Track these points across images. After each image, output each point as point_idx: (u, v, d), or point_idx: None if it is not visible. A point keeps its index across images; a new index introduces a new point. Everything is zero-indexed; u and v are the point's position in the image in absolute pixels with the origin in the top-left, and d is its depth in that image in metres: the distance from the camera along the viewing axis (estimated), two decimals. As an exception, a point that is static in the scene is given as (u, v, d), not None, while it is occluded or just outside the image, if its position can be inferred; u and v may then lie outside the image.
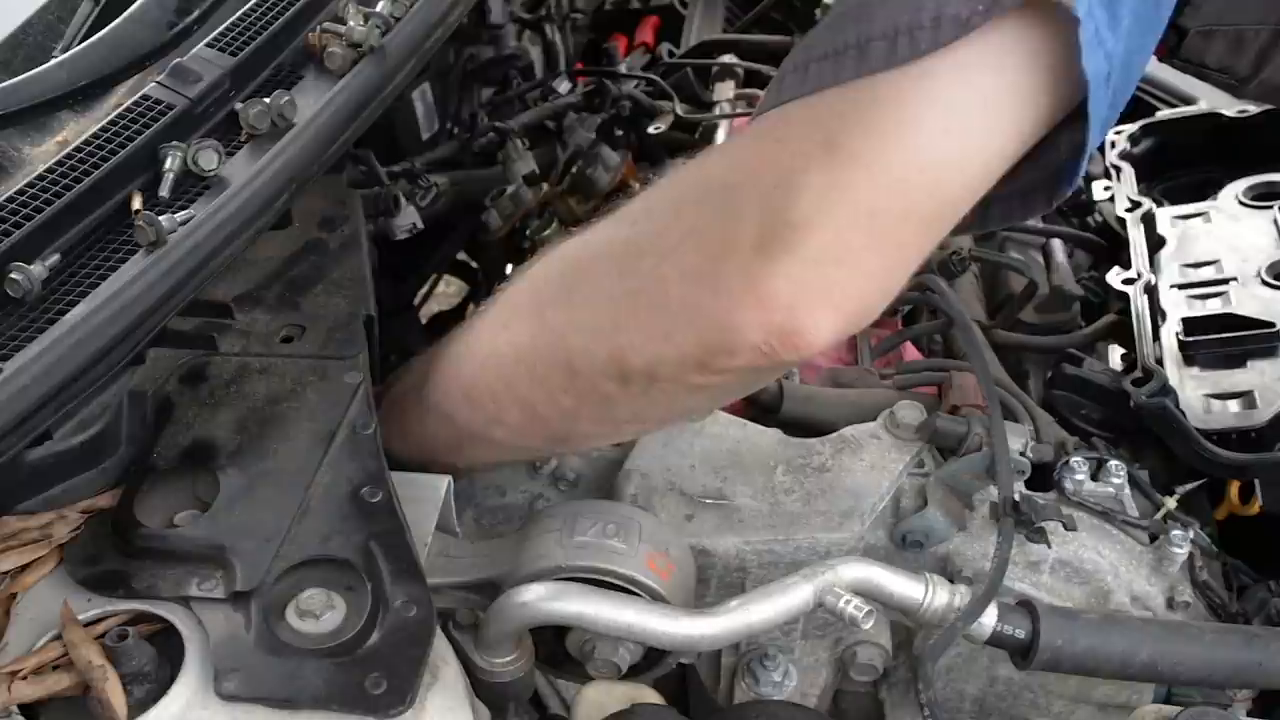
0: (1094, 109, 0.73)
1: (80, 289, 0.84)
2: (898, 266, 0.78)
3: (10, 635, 0.79)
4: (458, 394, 0.94)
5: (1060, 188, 0.81)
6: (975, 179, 0.76)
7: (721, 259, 0.76)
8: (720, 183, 0.80)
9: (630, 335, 0.81)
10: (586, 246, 0.88)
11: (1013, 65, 0.72)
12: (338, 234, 1.08)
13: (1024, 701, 1.07)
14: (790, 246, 0.73)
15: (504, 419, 0.92)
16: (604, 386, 0.84)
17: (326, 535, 0.83)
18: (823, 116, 0.75)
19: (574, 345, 0.85)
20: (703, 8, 2.05)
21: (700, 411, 1.06)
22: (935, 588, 0.89)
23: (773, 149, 0.78)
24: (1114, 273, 1.34)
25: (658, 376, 0.82)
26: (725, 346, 0.77)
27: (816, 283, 0.74)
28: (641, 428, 1.00)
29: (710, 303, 0.76)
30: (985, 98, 0.72)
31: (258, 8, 1.08)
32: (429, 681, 0.79)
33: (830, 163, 0.73)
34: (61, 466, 0.85)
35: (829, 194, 0.73)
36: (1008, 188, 0.80)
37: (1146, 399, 1.13)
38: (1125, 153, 1.54)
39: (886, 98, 0.72)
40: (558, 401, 0.87)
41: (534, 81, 1.80)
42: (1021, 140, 0.75)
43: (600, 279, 0.84)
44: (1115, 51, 0.72)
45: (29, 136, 0.98)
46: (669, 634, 0.87)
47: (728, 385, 0.84)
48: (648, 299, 0.80)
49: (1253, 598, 1.08)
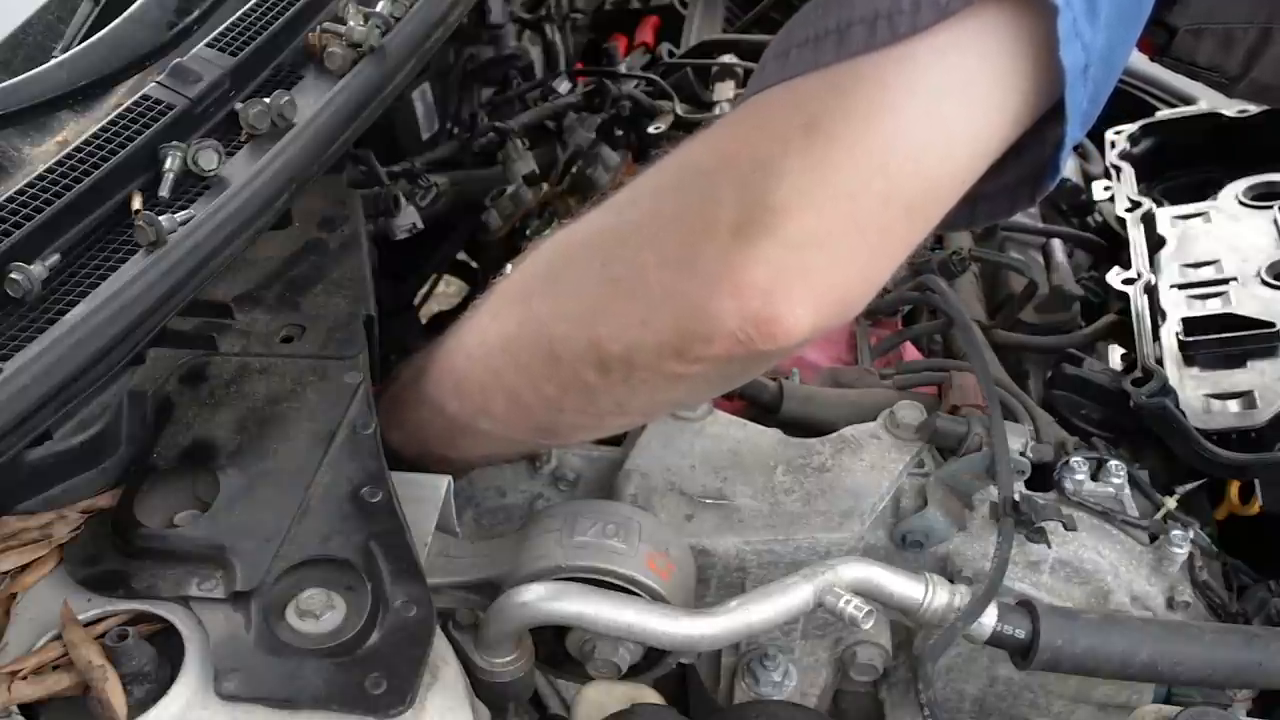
0: (1072, 101, 0.72)
1: (80, 289, 0.84)
2: (880, 254, 0.76)
3: (10, 635, 0.79)
4: (449, 385, 0.94)
5: (1043, 183, 0.81)
6: (957, 165, 0.75)
7: (699, 244, 0.75)
8: (701, 168, 0.80)
9: (609, 322, 0.81)
10: (573, 235, 0.88)
11: (992, 52, 0.71)
12: (338, 234, 1.08)
13: (1024, 701, 1.07)
14: (768, 230, 0.72)
15: (491, 410, 0.92)
16: (585, 375, 0.84)
17: (326, 535, 0.83)
18: (803, 100, 0.74)
19: (556, 333, 0.84)
20: (703, 8, 2.05)
21: (684, 405, 1.05)
22: (935, 588, 0.89)
23: (752, 133, 0.77)
24: (1114, 273, 1.34)
25: (635, 365, 0.81)
26: (701, 333, 0.76)
27: (794, 268, 0.73)
28: (626, 420, 0.99)
29: (687, 288, 0.75)
30: (965, 82, 0.72)
31: (258, 8, 1.08)
32: (429, 681, 0.79)
33: (810, 145, 0.72)
34: (61, 466, 0.85)
35: (808, 176, 0.72)
36: (993, 184, 0.80)
37: (1146, 399, 1.13)
38: (1125, 153, 1.54)
39: (866, 81, 0.72)
40: (541, 391, 0.87)
41: (534, 81, 1.80)
42: (1003, 129, 0.75)
43: (583, 267, 0.84)
44: (1094, 44, 0.71)
45: (29, 136, 0.98)
46: (669, 634, 0.87)
47: (707, 376, 0.83)
48: (627, 286, 0.80)
49: (1253, 598, 1.08)
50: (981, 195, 0.80)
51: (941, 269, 1.36)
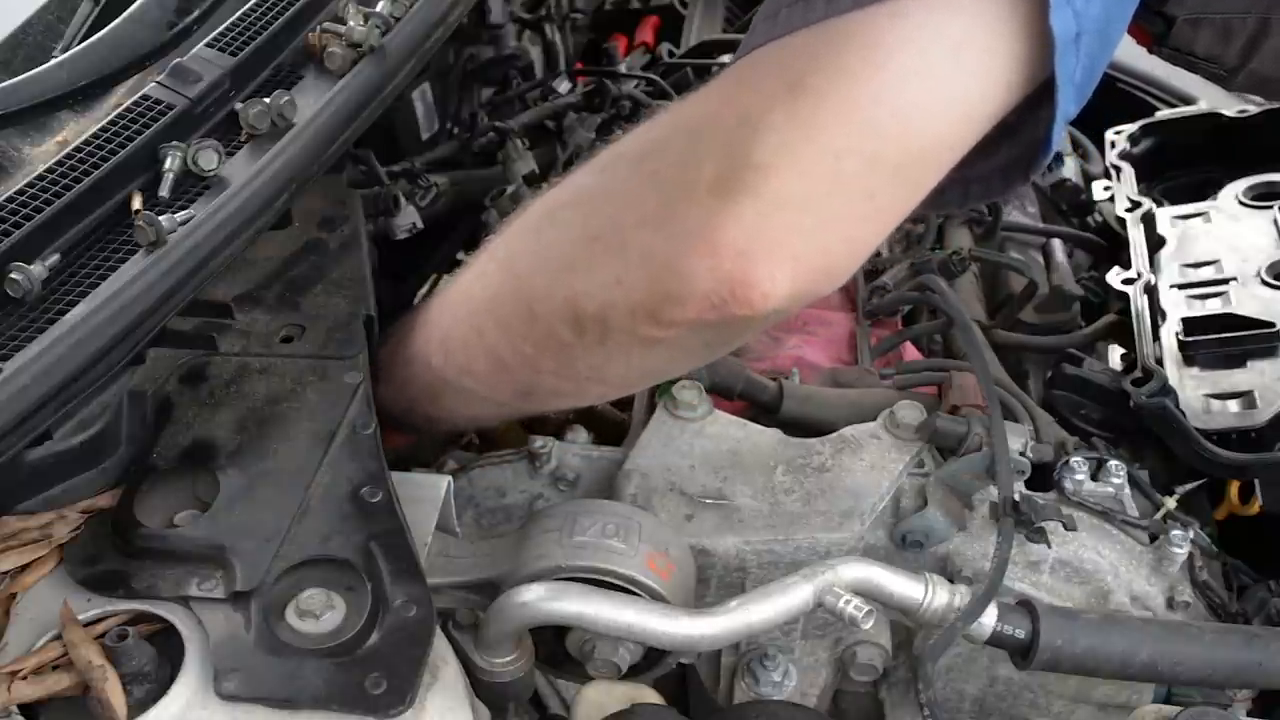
0: (1062, 71, 0.71)
1: (80, 289, 0.84)
2: (866, 219, 0.74)
3: (10, 635, 0.79)
4: (435, 341, 0.95)
5: (1037, 161, 0.79)
6: (948, 126, 0.73)
7: (678, 202, 0.73)
8: (685, 127, 0.78)
9: (585, 279, 0.80)
10: (559, 194, 0.87)
11: (984, 11, 0.70)
12: (338, 234, 1.08)
13: (1024, 701, 1.07)
14: (748, 188, 0.70)
15: (473, 368, 0.92)
16: (560, 333, 0.83)
17: (326, 535, 0.83)
18: (790, 58, 0.73)
19: (535, 290, 0.84)
20: (703, 8, 2.05)
21: (663, 374, 1.03)
22: (935, 588, 0.89)
23: (738, 92, 0.76)
24: (1114, 273, 1.34)
25: (610, 325, 0.80)
26: (673, 294, 0.74)
27: (774, 229, 0.71)
28: (605, 389, 0.97)
29: (662, 246, 0.74)
30: (956, 42, 0.70)
31: (258, 8, 1.08)
32: (429, 681, 0.79)
33: (795, 102, 0.71)
34: (61, 466, 0.85)
35: (793, 134, 0.70)
36: (986, 164, 0.79)
37: (1146, 399, 1.13)
38: (1125, 153, 1.54)
39: (856, 38, 0.70)
40: (520, 350, 0.87)
41: (534, 81, 1.80)
42: (996, 92, 0.73)
43: (565, 224, 0.84)
44: (1086, 12, 0.70)
45: (29, 136, 0.98)
46: (669, 634, 0.87)
47: (683, 342, 0.81)
48: (604, 243, 0.79)
49: (1253, 598, 1.08)
50: (975, 175, 0.79)
51: (941, 269, 1.36)
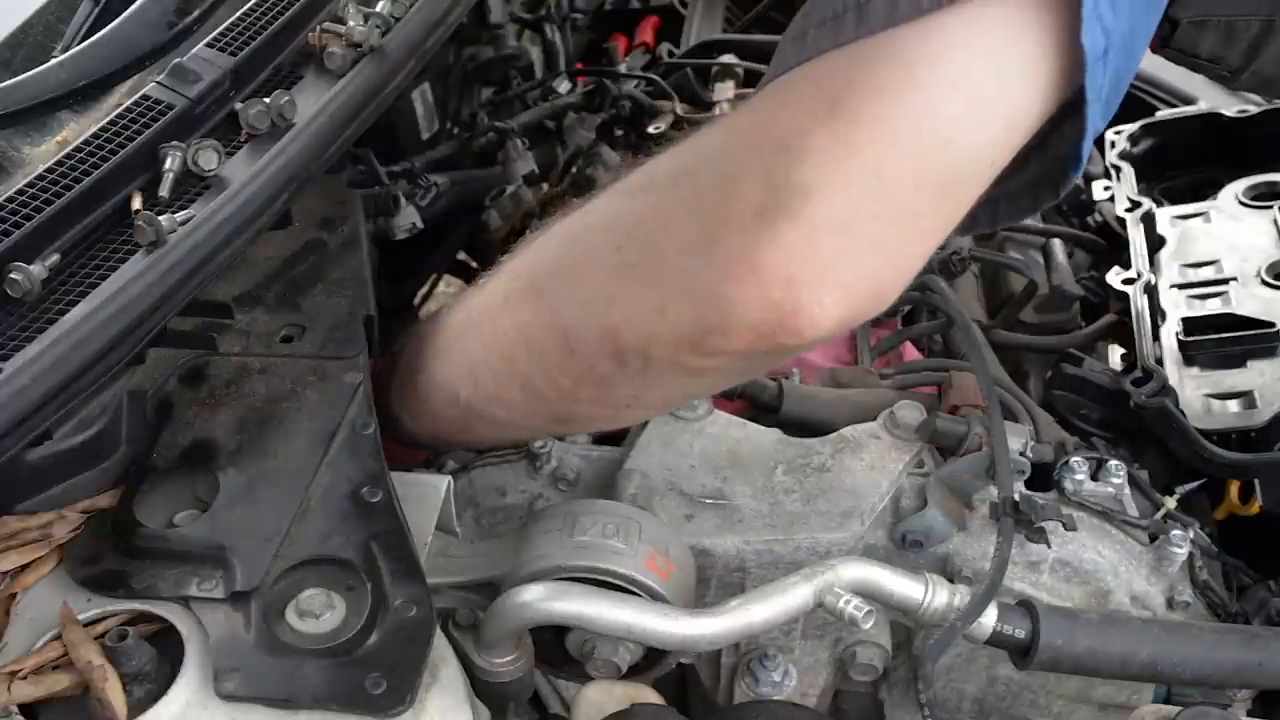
0: (1092, 85, 0.70)
1: (80, 289, 0.84)
2: (912, 241, 0.73)
3: (10, 635, 0.79)
4: (463, 369, 0.92)
5: (1068, 176, 0.79)
6: (989, 141, 0.72)
7: (719, 228, 0.72)
8: (720, 151, 0.77)
9: (624, 310, 0.78)
10: (586, 219, 0.85)
11: (1017, 25, 0.69)
12: (338, 234, 1.07)
13: (1024, 701, 1.07)
14: (792, 213, 0.68)
15: (506, 398, 0.90)
16: (600, 366, 0.81)
17: (326, 535, 0.83)
18: (825, 78, 0.72)
19: (570, 322, 0.82)
20: (703, 8, 2.05)
21: (702, 396, 1.03)
22: (935, 588, 0.89)
23: (773, 114, 0.74)
24: (1114, 273, 1.34)
25: (652, 357, 0.78)
26: (720, 325, 0.73)
27: (822, 254, 0.69)
28: (643, 413, 0.96)
29: (705, 274, 0.72)
30: (992, 57, 0.70)
31: (258, 8, 1.08)
32: (429, 681, 0.79)
33: (835, 123, 0.69)
34: (61, 466, 0.85)
35: (835, 154, 0.69)
36: (1016, 181, 0.78)
37: (1146, 399, 1.13)
38: (1125, 153, 1.54)
39: (891, 55, 0.69)
40: (556, 382, 0.85)
41: (534, 81, 1.80)
42: (1033, 105, 0.72)
43: (597, 253, 0.81)
44: (1114, 28, 0.70)
45: (29, 136, 0.98)
46: (669, 634, 0.87)
47: (726, 369, 0.80)
48: (643, 273, 0.77)
49: (1253, 598, 1.08)
50: (1004, 194, 0.78)
51: (941, 269, 1.36)
